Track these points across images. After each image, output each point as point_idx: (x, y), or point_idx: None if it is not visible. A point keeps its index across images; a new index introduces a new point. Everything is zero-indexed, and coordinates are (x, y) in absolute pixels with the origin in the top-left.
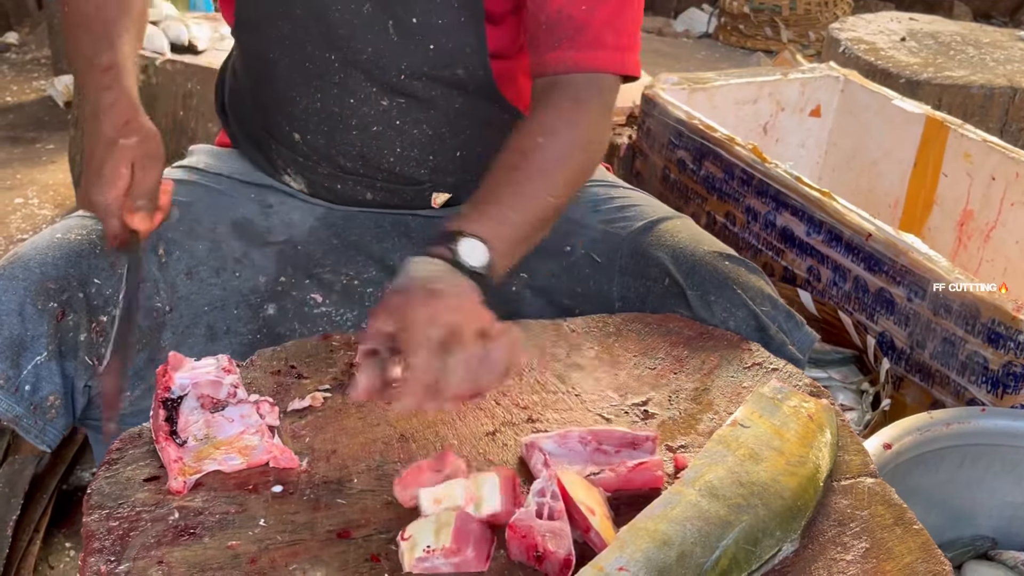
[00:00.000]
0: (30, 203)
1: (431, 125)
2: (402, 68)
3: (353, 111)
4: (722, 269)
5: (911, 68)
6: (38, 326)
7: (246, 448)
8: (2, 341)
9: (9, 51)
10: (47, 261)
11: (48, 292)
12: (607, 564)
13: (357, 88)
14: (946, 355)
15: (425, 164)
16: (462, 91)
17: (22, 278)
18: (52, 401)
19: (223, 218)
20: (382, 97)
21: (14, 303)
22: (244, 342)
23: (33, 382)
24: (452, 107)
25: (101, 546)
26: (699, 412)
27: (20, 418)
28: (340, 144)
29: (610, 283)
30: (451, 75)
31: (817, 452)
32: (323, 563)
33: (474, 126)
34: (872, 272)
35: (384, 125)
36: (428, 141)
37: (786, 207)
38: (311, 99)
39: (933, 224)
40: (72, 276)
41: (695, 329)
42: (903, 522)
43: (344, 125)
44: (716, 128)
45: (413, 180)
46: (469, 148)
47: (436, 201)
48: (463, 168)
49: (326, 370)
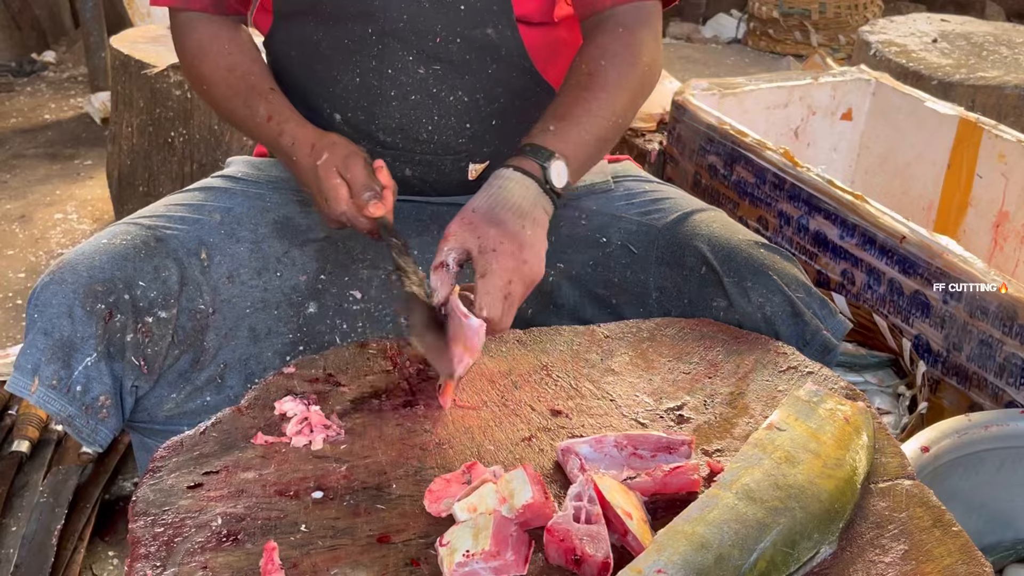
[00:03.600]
0: (69, 218)
1: (466, 91)
2: (437, 31)
3: (392, 82)
4: (758, 256)
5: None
6: (87, 328)
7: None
8: (53, 343)
9: (47, 69)
10: (94, 265)
11: (96, 294)
12: (645, 567)
13: (394, 58)
14: (983, 357)
15: (462, 132)
16: (495, 56)
17: (71, 281)
18: (103, 401)
19: (264, 219)
20: (419, 65)
21: (64, 306)
22: (285, 342)
23: (84, 383)
24: (485, 72)
25: (147, 552)
26: (734, 416)
27: (73, 418)
28: (380, 118)
29: (646, 273)
30: (482, 36)
31: (854, 455)
32: (364, 567)
33: (508, 95)
34: (907, 275)
35: (422, 94)
36: (464, 108)
37: (819, 211)
38: (351, 76)
39: (968, 226)
40: (118, 279)
41: (729, 333)
42: (942, 524)
43: (383, 98)
44: (747, 133)
45: (451, 150)
46: (504, 118)
47: (473, 172)
48: (498, 138)
49: (363, 378)
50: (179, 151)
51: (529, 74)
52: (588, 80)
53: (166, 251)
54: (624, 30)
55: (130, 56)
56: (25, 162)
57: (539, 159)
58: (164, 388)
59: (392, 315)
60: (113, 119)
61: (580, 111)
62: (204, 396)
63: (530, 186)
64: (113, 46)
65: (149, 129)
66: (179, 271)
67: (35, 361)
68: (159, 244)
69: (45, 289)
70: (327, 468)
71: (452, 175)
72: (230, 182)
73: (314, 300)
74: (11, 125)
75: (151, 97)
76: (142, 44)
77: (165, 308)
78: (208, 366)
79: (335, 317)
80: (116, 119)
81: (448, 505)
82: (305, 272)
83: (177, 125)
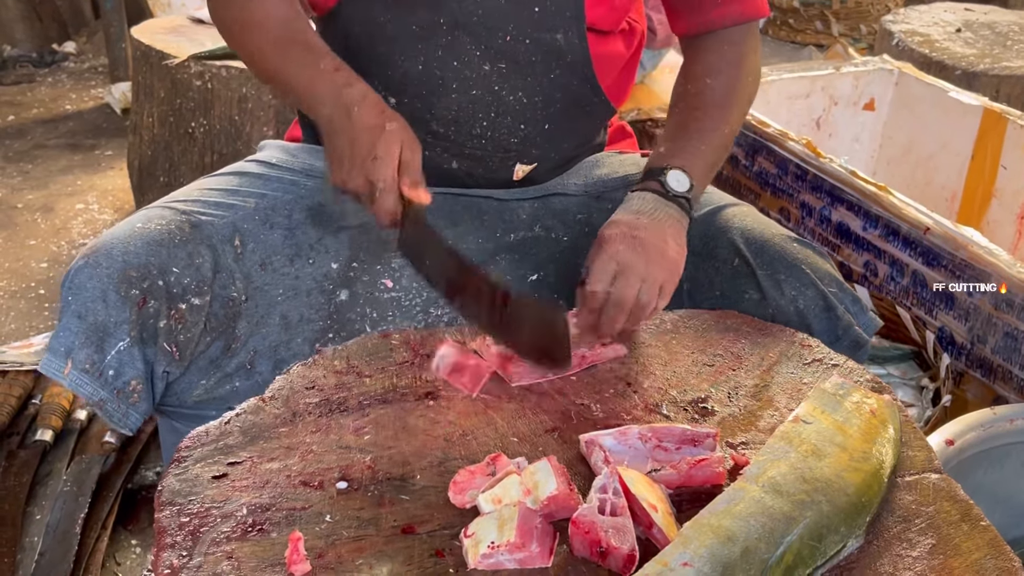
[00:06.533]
0: (91, 208)
1: (527, 93)
2: (508, 30)
3: (455, 74)
4: (791, 250)
5: (967, 59)
6: (121, 312)
7: None
8: (87, 327)
9: (67, 60)
10: (129, 250)
11: (130, 279)
12: (671, 559)
13: (462, 51)
14: (1008, 350)
15: (516, 132)
16: (559, 61)
17: (105, 266)
18: (134, 386)
19: (298, 206)
20: (484, 61)
21: (98, 290)
22: (316, 329)
23: (116, 367)
24: (548, 76)
25: (173, 541)
26: (759, 409)
27: (105, 402)
28: (436, 108)
29: None
30: (551, 39)
31: (880, 448)
32: (388, 558)
33: (565, 100)
34: (931, 267)
35: (483, 89)
36: (522, 109)
37: (841, 202)
38: (414, 62)
39: (992, 217)
40: (152, 264)
41: (753, 325)
42: (970, 518)
43: (444, 88)
44: (769, 123)
45: (501, 148)
46: (557, 123)
47: (519, 173)
48: (549, 140)
49: (387, 368)
50: (200, 141)
51: (589, 83)
52: (696, 100)
53: (200, 238)
54: (729, 47)
55: (151, 47)
56: (47, 152)
57: (653, 176)
58: (194, 374)
59: (421, 305)
60: (134, 109)
61: (691, 128)
62: (234, 382)
63: (647, 197)
64: (134, 36)
65: (170, 120)
66: (212, 258)
67: (68, 344)
68: (193, 230)
69: (80, 272)
70: (351, 459)
71: (498, 172)
72: (265, 167)
73: (345, 288)
74: (32, 116)
75: (172, 88)
76: (162, 35)
77: (198, 295)
78: (239, 353)
79: (365, 305)
80: (137, 109)
81: (472, 496)
82: (337, 260)
83: (198, 116)
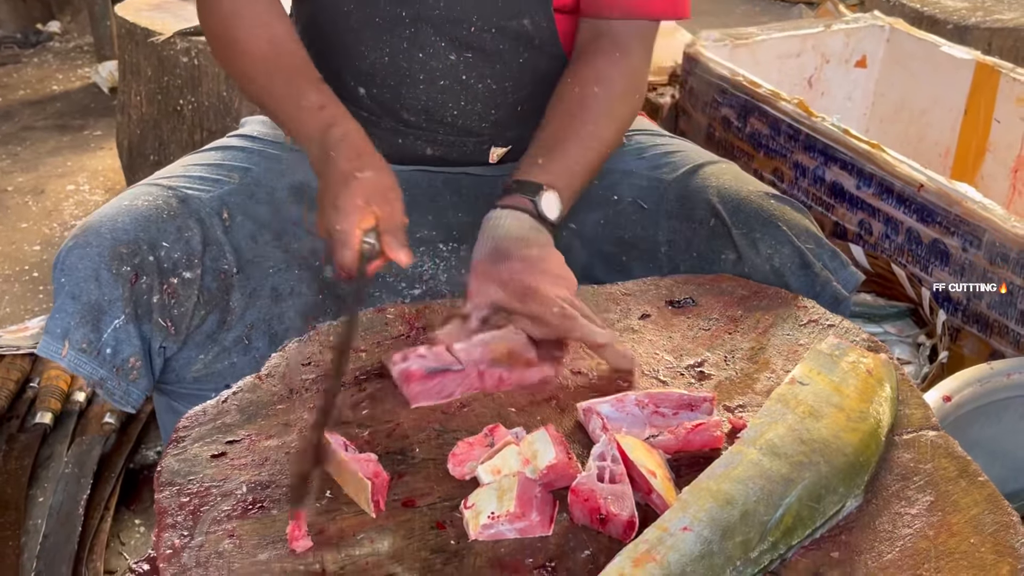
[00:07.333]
0: (81, 189)
1: (495, 79)
2: (473, 21)
3: (421, 65)
4: (767, 207)
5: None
6: (114, 290)
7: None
8: (82, 307)
9: (52, 40)
10: (117, 227)
11: (121, 256)
12: (671, 524)
13: (427, 43)
14: (1004, 304)
15: (487, 118)
16: (528, 45)
17: (95, 244)
18: (133, 363)
19: (281, 183)
20: (450, 52)
21: (90, 269)
22: (308, 302)
23: (114, 345)
24: (516, 61)
25: (174, 522)
26: (756, 371)
27: (105, 380)
28: (405, 98)
29: (656, 228)
30: (518, 26)
31: (877, 407)
32: (389, 532)
33: (535, 81)
34: (925, 223)
35: (451, 79)
36: (491, 95)
37: (835, 161)
38: (379, 54)
39: (986, 172)
40: (142, 240)
41: (748, 288)
42: (967, 474)
43: (411, 79)
44: (760, 84)
45: (474, 133)
46: (529, 103)
47: (494, 155)
48: (522, 122)
49: (382, 343)
50: (188, 119)
51: (557, 59)
52: (579, 108)
53: (188, 212)
54: (621, 55)
55: (136, 24)
56: (35, 134)
57: (528, 194)
58: (192, 349)
59: (406, 279)
60: (121, 88)
61: (570, 142)
62: (231, 357)
63: (523, 218)
64: (118, 14)
65: (158, 98)
66: (201, 231)
67: (64, 325)
68: (181, 205)
69: (70, 253)
70: (349, 433)
71: (473, 156)
72: (247, 141)
73: (331, 264)
74: (19, 97)
75: (158, 65)
76: (147, 11)
77: (189, 268)
78: (235, 326)
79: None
80: (124, 88)
81: (472, 468)
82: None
83: (186, 93)
